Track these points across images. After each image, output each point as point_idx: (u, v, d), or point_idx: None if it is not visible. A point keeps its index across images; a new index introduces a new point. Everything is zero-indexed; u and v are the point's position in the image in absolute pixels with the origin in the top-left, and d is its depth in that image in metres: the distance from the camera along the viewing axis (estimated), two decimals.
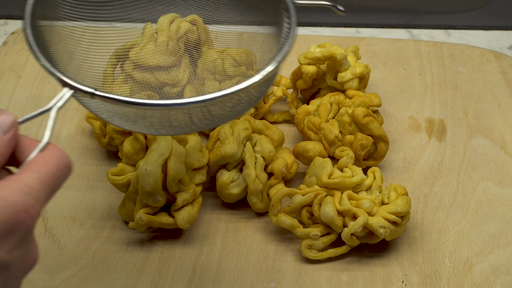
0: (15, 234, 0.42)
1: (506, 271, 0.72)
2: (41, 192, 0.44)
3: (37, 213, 0.43)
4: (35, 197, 0.43)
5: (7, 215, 0.41)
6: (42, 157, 0.45)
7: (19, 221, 0.42)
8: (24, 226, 0.42)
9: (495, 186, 0.81)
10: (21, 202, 0.42)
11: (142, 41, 0.89)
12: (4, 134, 0.45)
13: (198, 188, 0.74)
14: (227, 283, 0.70)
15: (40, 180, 0.44)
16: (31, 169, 0.44)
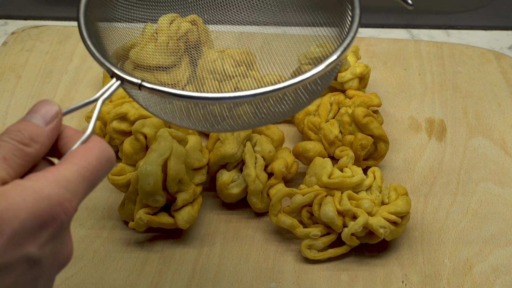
0: (48, 229, 0.41)
1: (506, 271, 0.72)
2: (79, 186, 0.42)
3: (73, 208, 0.42)
4: (71, 191, 0.42)
5: (41, 208, 0.40)
6: (83, 149, 0.44)
7: (53, 215, 0.40)
8: (58, 221, 0.41)
9: (495, 186, 0.81)
10: (57, 195, 0.41)
11: (142, 41, 0.89)
12: (46, 125, 0.44)
13: (198, 188, 0.74)
14: (227, 283, 0.70)
15: (79, 173, 0.42)
16: (71, 162, 0.43)
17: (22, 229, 0.39)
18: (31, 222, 0.39)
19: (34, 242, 0.40)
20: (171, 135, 0.72)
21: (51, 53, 0.99)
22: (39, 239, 0.40)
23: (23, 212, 0.39)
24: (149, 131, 0.74)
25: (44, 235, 0.41)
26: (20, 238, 0.39)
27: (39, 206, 0.40)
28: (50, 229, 0.41)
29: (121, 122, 0.79)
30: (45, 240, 0.41)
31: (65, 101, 0.91)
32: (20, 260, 0.40)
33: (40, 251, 0.41)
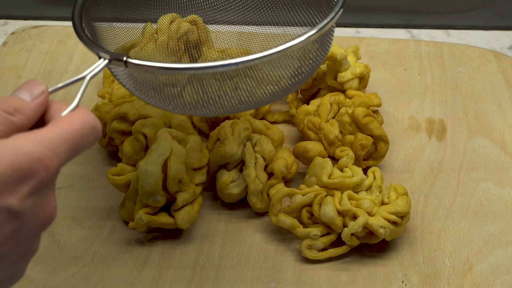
0: (28, 183, 0.42)
1: (506, 271, 0.72)
2: (61, 147, 0.44)
3: (53, 166, 0.43)
4: (53, 150, 0.43)
5: (20, 163, 0.41)
6: (67, 116, 0.46)
7: (33, 170, 0.42)
8: (38, 177, 0.42)
9: (495, 186, 0.81)
10: (37, 152, 0.42)
11: (142, 41, 0.89)
12: (32, 100, 0.46)
13: (198, 188, 0.74)
14: (227, 283, 0.70)
15: (61, 135, 0.44)
16: (54, 125, 0.45)
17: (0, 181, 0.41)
18: (9, 175, 0.41)
19: (14, 194, 0.42)
20: (171, 135, 0.72)
21: (51, 53, 0.99)
22: (19, 192, 0.42)
23: (2, 165, 0.41)
24: (149, 131, 0.74)
25: (24, 189, 0.42)
26: None
27: (18, 160, 0.41)
28: (30, 183, 0.42)
29: (121, 122, 0.79)
30: (25, 194, 0.42)
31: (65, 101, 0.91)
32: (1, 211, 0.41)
33: (21, 204, 0.42)
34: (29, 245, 0.45)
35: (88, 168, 0.82)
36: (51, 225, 0.75)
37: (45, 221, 0.45)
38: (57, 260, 0.71)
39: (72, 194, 0.79)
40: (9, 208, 0.42)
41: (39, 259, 0.71)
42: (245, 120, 0.78)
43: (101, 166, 0.82)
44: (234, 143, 0.76)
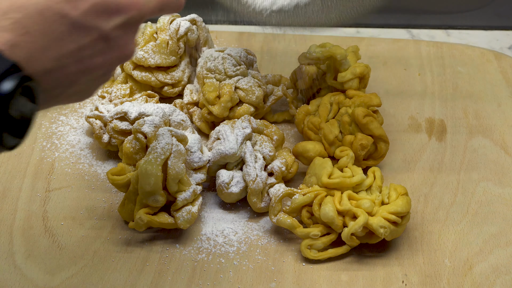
0: (121, 16, 0.51)
1: (506, 271, 0.72)
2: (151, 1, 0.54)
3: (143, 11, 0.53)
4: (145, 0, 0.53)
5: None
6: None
7: (128, 7, 0.51)
8: (130, 14, 0.52)
9: (495, 186, 0.81)
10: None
11: (142, 41, 0.89)
12: None
13: (198, 188, 0.74)
14: (227, 283, 0.70)
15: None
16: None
17: (102, 4, 0.50)
18: (110, 3, 0.50)
19: (108, 21, 0.51)
20: (171, 134, 0.72)
21: None
22: (112, 21, 0.51)
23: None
24: (149, 131, 0.74)
25: (117, 20, 0.51)
26: (98, 11, 0.50)
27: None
28: (122, 18, 0.51)
29: (121, 122, 0.79)
30: (116, 24, 0.51)
31: None
32: (95, 29, 0.50)
33: (111, 32, 0.51)
34: (107, 69, 0.53)
35: (88, 168, 0.82)
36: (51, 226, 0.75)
37: (124, 55, 0.54)
38: (57, 260, 0.71)
39: (72, 194, 0.79)
40: (101, 31, 0.50)
41: (39, 259, 0.71)
42: (245, 119, 0.79)
43: (101, 166, 0.82)
44: (234, 142, 0.76)
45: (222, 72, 0.86)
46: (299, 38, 1.04)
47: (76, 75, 0.51)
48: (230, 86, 0.84)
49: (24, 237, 0.74)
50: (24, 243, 0.73)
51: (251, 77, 0.86)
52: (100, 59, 0.52)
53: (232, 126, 0.78)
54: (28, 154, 0.83)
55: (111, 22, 0.51)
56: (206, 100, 0.84)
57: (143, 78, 0.88)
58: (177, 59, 0.90)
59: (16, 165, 0.82)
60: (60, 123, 0.88)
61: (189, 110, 0.88)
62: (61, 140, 0.86)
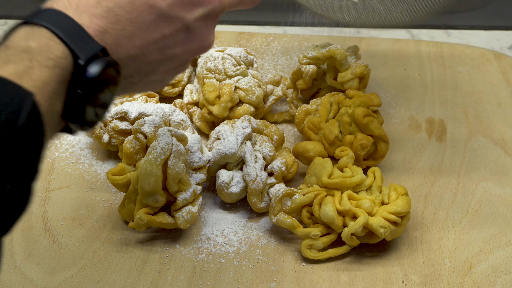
0: (203, 8, 0.55)
1: (506, 271, 0.72)
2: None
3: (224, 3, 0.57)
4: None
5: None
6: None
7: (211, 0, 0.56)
8: (212, 6, 0.56)
9: (495, 186, 0.81)
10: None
11: None
12: None
13: (198, 188, 0.74)
14: (227, 283, 0.70)
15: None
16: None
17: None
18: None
19: (191, 12, 0.55)
20: (171, 134, 0.72)
21: None
22: (195, 12, 0.55)
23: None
24: (148, 131, 0.74)
25: (199, 12, 0.55)
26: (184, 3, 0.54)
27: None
28: (205, 9, 0.56)
29: (121, 122, 0.79)
30: (198, 16, 0.55)
31: None
32: (179, 20, 0.54)
33: (193, 23, 0.55)
34: (186, 59, 0.57)
35: (88, 168, 0.82)
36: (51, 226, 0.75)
37: (203, 46, 0.57)
38: (57, 260, 0.71)
39: (72, 194, 0.79)
40: (185, 21, 0.54)
41: (39, 259, 0.71)
42: (245, 119, 0.79)
43: (101, 166, 0.82)
44: (234, 142, 0.76)
45: (222, 72, 0.86)
46: (299, 38, 1.04)
47: (157, 64, 0.54)
48: (230, 86, 0.84)
49: (24, 237, 0.74)
50: (24, 243, 0.73)
51: (251, 77, 0.86)
52: (180, 49, 0.55)
53: (232, 126, 0.78)
54: None
55: (194, 14, 0.55)
56: (206, 100, 0.84)
57: None
58: None
59: None
60: None
61: (189, 110, 0.88)
62: (61, 140, 0.86)
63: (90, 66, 0.47)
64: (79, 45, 0.47)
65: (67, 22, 0.48)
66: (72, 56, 0.47)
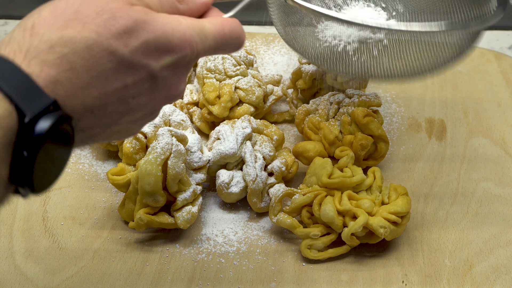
0: (172, 55, 0.49)
1: (506, 271, 0.72)
2: (208, 40, 0.51)
3: (197, 51, 0.50)
4: (201, 39, 0.50)
5: (174, 36, 0.48)
6: (223, 19, 0.53)
7: (181, 46, 0.49)
8: (183, 53, 0.49)
9: (495, 186, 0.81)
10: (190, 35, 0.49)
11: None
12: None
13: (198, 188, 0.74)
14: (227, 283, 0.70)
15: (211, 32, 0.51)
16: (209, 21, 0.51)
17: (153, 43, 0.47)
18: (162, 41, 0.48)
19: (158, 60, 0.48)
20: (171, 134, 0.72)
21: None
22: (162, 60, 0.48)
23: (160, 30, 0.47)
24: (148, 131, 0.74)
25: (167, 59, 0.48)
26: (149, 49, 0.47)
27: (173, 33, 0.48)
28: (174, 57, 0.49)
29: None
30: (166, 64, 0.49)
31: None
32: (143, 67, 0.47)
33: (160, 71, 0.48)
34: (152, 109, 0.51)
35: (88, 168, 0.82)
36: (51, 226, 0.75)
37: (172, 96, 0.51)
38: (57, 260, 0.71)
39: (72, 194, 0.79)
40: (150, 70, 0.48)
41: (39, 259, 0.71)
42: (245, 119, 0.79)
43: (101, 166, 0.82)
44: (234, 142, 0.76)
45: (222, 72, 0.86)
46: None
47: (119, 115, 0.49)
48: (230, 86, 0.84)
49: (24, 237, 0.74)
50: (24, 243, 0.73)
51: (251, 77, 0.86)
52: (145, 99, 0.49)
53: (232, 126, 0.78)
54: None
55: (161, 61, 0.48)
56: (206, 100, 0.84)
57: None
58: None
59: None
60: None
61: (189, 110, 0.88)
62: None
63: (38, 124, 0.42)
64: (26, 100, 0.42)
65: (13, 72, 0.43)
66: (18, 113, 0.42)
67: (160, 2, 0.50)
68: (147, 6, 0.48)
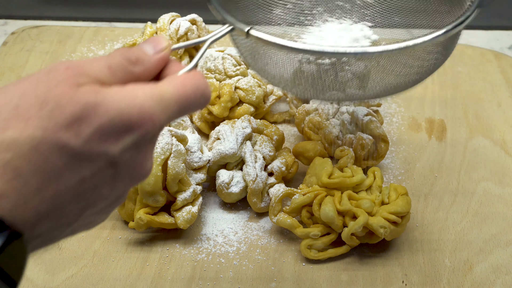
0: (132, 135, 0.42)
1: (506, 271, 0.72)
2: (170, 107, 0.44)
3: (160, 122, 0.44)
4: (162, 107, 0.44)
5: (131, 113, 0.42)
6: (183, 77, 0.46)
7: (141, 123, 0.42)
8: (143, 130, 0.43)
9: (495, 186, 0.81)
10: (148, 107, 0.43)
11: (142, 40, 0.89)
12: (154, 53, 0.46)
13: (198, 188, 0.74)
14: (227, 283, 0.70)
15: (173, 96, 0.45)
16: (169, 83, 0.45)
17: (108, 126, 0.41)
18: (118, 122, 0.41)
19: (116, 143, 0.42)
20: (171, 134, 0.72)
21: (51, 53, 0.99)
22: (122, 142, 0.42)
23: (114, 110, 0.41)
24: None
25: (127, 140, 0.42)
26: (105, 134, 0.41)
27: (129, 110, 0.42)
28: (134, 136, 0.43)
29: None
30: (127, 145, 0.42)
31: None
32: (100, 156, 0.41)
33: (120, 155, 0.42)
34: (118, 195, 0.45)
35: None
36: None
37: (138, 177, 0.45)
38: (57, 260, 0.71)
39: None
40: (109, 156, 0.42)
41: (39, 259, 0.71)
42: (245, 119, 0.79)
43: None
44: (233, 142, 0.76)
45: (222, 72, 0.86)
46: None
47: (78, 211, 0.43)
48: (230, 86, 0.84)
49: None
50: None
51: (251, 77, 0.86)
52: (108, 188, 0.44)
53: (232, 126, 0.78)
54: None
55: (120, 144, 0.42)
56: None
57: None
58: (177, 59, 0.90)
59: None
60: None
61: None
62: None
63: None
64: None
65: None
66: None
67: (111, 71, 0.44)
68: (97, 80, 0.42)
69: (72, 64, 0.42)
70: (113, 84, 0.43)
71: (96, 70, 0.43)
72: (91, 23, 1.11)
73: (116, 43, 1.01)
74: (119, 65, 0.44)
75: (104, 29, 1.05)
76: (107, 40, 1.02)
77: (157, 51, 0.46)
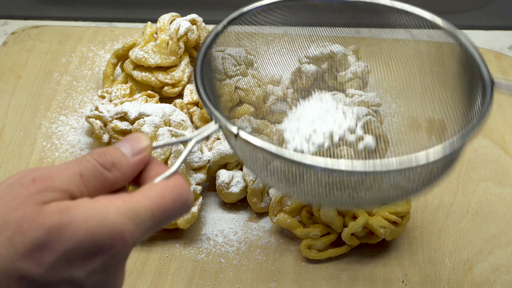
0: (102, 257, 0.39)
1: (506, 271, 0.72)
2: (145, 223, 0.40)
3: (132, 241, 0.40)
4: (136, 224, 0.40)
5: (101, 234, 0.38)
6: (162, 185, 0.42)
7: (111, 243, 0.39)
8: (114, 251, 0.39)
9: (495, 186, 0.81)
10: (120, 224, 0.39)
11: (142, 41, 0.89)
12: (133, 156, 0.43)
13: (198, 188, 0.74)
14: (227, 283, 0.70)
15: (149, 210, 0.41)
16: (146, 195, 0.41)
17: (75, 250, 0.38)
18: (86, 245, 0.38)
19: (83, 267, 0.38)
20: (171, 134, 0.72)
21: (51, 53, 0.99)
22: (89, 265, 0.39)
23: (82, 232, 0.38)
24: (149, 131, 0.74)
25: (96, 263, 0.39)
26: (70, 259, 0.38)
27: (99, 231, 0.38)
28: (104, 258, 0.39)
29: (121, 122, 0.79)
30: (94, 268, 0.39)
31: (66, 101, 0.91)
32: (64, 281, 0.38)
33: (86, 279, 0.39)
34: None
35: None
36: None
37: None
38: None
39: None
40: (74, 281, 0.39)
41: None
42: (245, 119, 0.78)
43: None
44: None
45: (222, 72, 0.86)
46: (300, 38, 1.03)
47: None
48: (230, 86, 0.84)
49: None
50: None
51: (251, 77, 0.86)
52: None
53: None
54: (28, 154, 0.83)
55: (88, 267, 0.39)
56: None
57: (143, 78, 0.88)
58: (177, 59, 0.90)
59: (16, 165, 0.82)
60: (60, 123, 0.88)
61: (189, 110, 0.88)
62: (61, 140, 0.86)
63: None
64: None
65: None
66: None
67: (83, 180, 0.40)
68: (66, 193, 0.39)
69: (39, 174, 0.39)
70: (85, 195, 0.40)
71: (66, 180, 0.39)
72: (91, 23, 1.11)
73: (116, 43, 1.01)
74: (92, 172, 0.41)
75: (104, 29, 1.05)
76: (107, 40, 1.02)
77: (136, 153, 0.43)
